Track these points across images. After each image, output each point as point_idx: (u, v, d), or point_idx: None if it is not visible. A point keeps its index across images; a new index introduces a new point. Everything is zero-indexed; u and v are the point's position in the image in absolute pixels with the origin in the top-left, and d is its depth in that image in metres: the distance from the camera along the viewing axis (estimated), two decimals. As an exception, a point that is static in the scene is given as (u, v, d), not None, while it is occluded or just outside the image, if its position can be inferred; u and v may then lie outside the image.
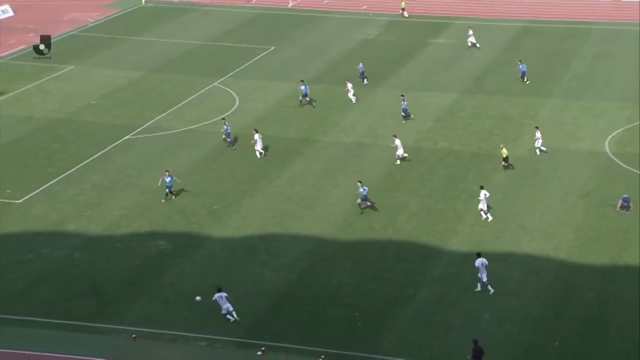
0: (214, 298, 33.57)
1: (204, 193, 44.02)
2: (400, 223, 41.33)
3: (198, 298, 34.34)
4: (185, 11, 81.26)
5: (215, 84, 60.87)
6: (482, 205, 41.02)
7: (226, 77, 62.02)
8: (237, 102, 57.41)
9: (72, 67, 63.45)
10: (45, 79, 60.54)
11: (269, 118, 54.71)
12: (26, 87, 58.73)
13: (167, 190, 42.58)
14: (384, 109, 56.08)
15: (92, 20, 76.82)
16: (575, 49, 67.79)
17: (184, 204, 42.74)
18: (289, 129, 53.08)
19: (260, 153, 48.37)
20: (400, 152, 47.34)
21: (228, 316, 33.46)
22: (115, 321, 33.35)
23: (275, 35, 73.52)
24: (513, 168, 46.06)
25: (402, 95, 53.96)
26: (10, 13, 77.73)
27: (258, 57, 67.24)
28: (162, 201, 42.28)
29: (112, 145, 49.68)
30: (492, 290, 35.18)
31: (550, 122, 53.38)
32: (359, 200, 41.74)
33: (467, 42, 68.21)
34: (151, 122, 53.13)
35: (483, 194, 41.00)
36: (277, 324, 33.53)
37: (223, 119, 51.01)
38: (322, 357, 31.38)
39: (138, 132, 51.89)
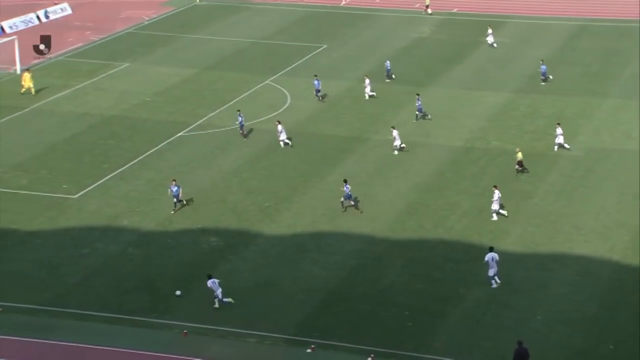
0: (208, 284, 33.77)
1: (255, 190, 44.25)
2: (452, 222, 41.03)
3: (178, 292, 34.69)
4: (238, 9, 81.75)
5: (267, 81, 61.13)
6: (495, 206, 40.53)
7: (278, 75, 62.24)
8: (289, 100, 57.57)
9: (127, 64, 64.26)
10: (101, 76, 61.41)
11: (321, 116, 54.76)
12: (82, 84, 59.64)
13: (175, 199, 41.22)
14: (436, 108, 55.72)
15: (147, 18, 77.73)
16: (633, 47, 66.54)
17: (236, 201, 43.00)
18: (340, 127, 53.07)
19: (286, 143, 48.71)
20: (397, 142, 47.99)
21: (224, 300, 33.86)
22: (167, 316, 33.71)
23: (328, 33, 73.53)
24: (528, 172, 45.18)
25: (418, 95, 53.53)
26: (69, 11, 79.01)
27: (310, 55, 67.32)
28: (172, 212, 41.08)
29: (166, 142, 50.22)
30: (494, 285, 35.00)
31: (607, 121, 52.52)
32: (342, 199, 41.68)
33: (486, 41, 67.17)
34: (204, 119, 53.57)
35: (497, 194, 40.53)
36: (327, 322, 33.55)
37: (238, 110, 51.35)
38: (372, 355, 31.31)
39: (191, 129, 52.37)
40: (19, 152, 47.85)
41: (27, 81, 56.83)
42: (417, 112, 52.86)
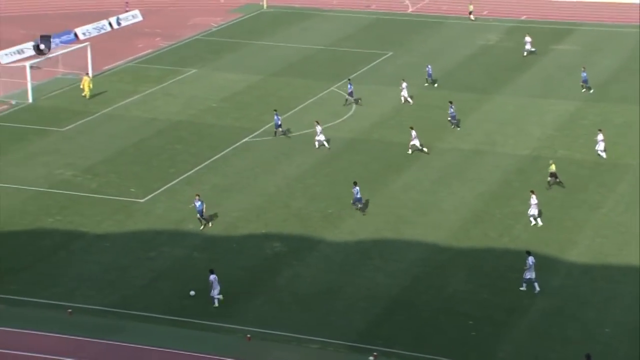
0: (210, 279, 34.46)
1: (319, 197, 44.31)
2: (517, 232, 40.45)
3: (192, 292, 35.06)
4: (305, 16, 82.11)
5: (332, 88, 61.23)
6: (533, 211, 40.32)
7: (343, 81, 62.25)
8: (354, 107, 57.54)
9: (195, 70, 65.06)
10: (169, 82, 62.29)
11: (386, 123, 54.59)
12: (151, 90, 60.56)
13: (199, 215, 40.24)
14: (502, 116, 55.09)
15: (215, 25, 78.62)
16: None
17: (300, 207, 43.12)
18: (405, 134, 52.77)
19: (322, 144, 49.17)
20: (416, 142, 48.35)
21: (218, 296, 34.55)
22: (231, 320, 33.92)
23: (394, 40, 73.33)
24: (563, 187, 44.04)
25: (450, 102, 53.08)
26: (139, 18, 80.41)
27: (375, 62, 67.22)
28: (201, 229, 40.30)
29: (231, 148, 50.66)
30: (536, 289, 34.97)
31: (679, 131, 51.21)
32: (352, 202, 42.01)
33: (524, 51, 66.54)
34: (269, 125, 53.89)
35: (533, 199, 40.22)
36: (389, 330, 33.37)
37: (275, 110, 52.10)
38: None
39: (256, 135, 52.74)
40: (90, 156, 48.83)
41: (86, 85, 58.02)
42: (449, 119, 52.56)
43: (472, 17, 79.05)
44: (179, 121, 55.01)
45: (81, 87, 58.23)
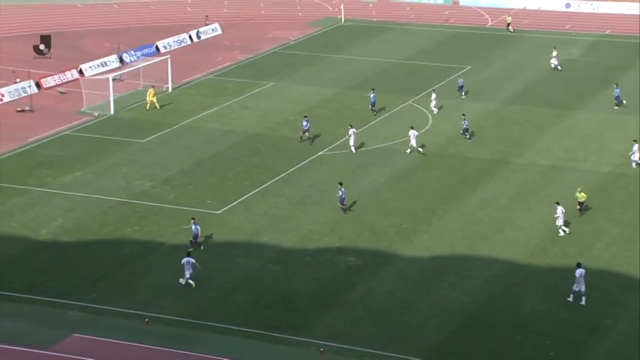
0: (182, 262, 36.34)
1: (394, 211, 44.12)
2: (598, 251, 39.52)
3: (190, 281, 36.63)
4: (383, 29, 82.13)
5: (409, 102, 61.00)
6: (560, 222, 40.66)
7: (420, 95, 62.00)
8: (430, 121, 57.20)
9: (272, 83, 65.68)
10: (246, 95, 63.01)
11: (462, 138, 54.07)
12: (229, 102, 61.35)
13: (192, 239, 39.58)
14: (584, 131, 54.04)
15: (293, 39, 79.29)
16: None
17: (374, 222, 42.98)
18: (483, 149, 52.24)
19: (355, 149, 50.35)
20: (412, 142, 50.40)
21: (190, 281, 36.20)
22: (304, 334, 33.96)
23: (472, 54, 72.74)
24: (582, 213, 42.67)
25: (463, 115, 53.67)
26: (219, 31, 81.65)
27: (453, 76, 66.72)
28: (189, 250, 38.66)
29: (307, 161, 50.88)
30: (583, 302, 35.00)
31: None
32: (338, 203, 43.06)
33: (550, 64, 65.32)
34: (345, 138, 53.95)
35: (560, 210, 40.64)
36: (464, 347, 32.94)
37: (305, 116, 53.44)
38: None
39: (332, 148, 52.86)
40: (168, 168, 49.67)
41: (150, 96, 59.14)
42: (461, 132, 53.02)
43: (510, 29, 78.23)
44: (256, 134, 55.54)
45: (147, 99, 59.42)
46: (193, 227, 40.29)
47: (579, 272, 35.09)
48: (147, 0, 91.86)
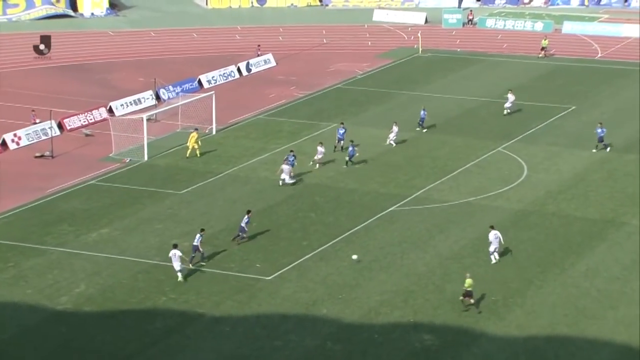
0: (170, 254, 42.44)
1: (481, 280, 43.75)
2: None
3: (355, 257, 42.20)
4: (468, 62, 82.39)
5: (499, 148, 60.81)
6: (492, 248, 44.70)
7: (513, 141, 61.77)
8: (525, 172, 56.88)
9: (334, 124, 66.10)
10: (304, 138, 63.53)
11: (565, 192, 53.63)
12: (282, 147, 61.79)
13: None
14: None
15: (360, 72, 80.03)
16: None
17: (457, 292, 42.65)
18: (589, 207, 51.69)
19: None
20: (392, 138, 59.95)
21: (179, 274, 42.36)
22: None
23: (577, 92, 72.46)
24: None
25: (424, 108, 62.41)
26: (273, 63, 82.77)
27: (554, 118, 66.42)
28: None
29: (375, 218, 50.94)
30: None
31: None
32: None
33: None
34: (421, 191, 53.92)
35: (493, 234, 44.66)
36: None
37: (342, 123, 60.56)
38: None
39: (405, 202, 52.86)
40: (210, 224, 50.12)
41: (192, 141, 59.53)
42: (419, 122, 62.30)
43: (542, 54, 79.49)
44: (314, 184, 55.88)
45: (187, 144, 59.87)
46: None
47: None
48: (189, 28, 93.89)
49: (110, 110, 68.44)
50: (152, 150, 60.37)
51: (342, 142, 59.31)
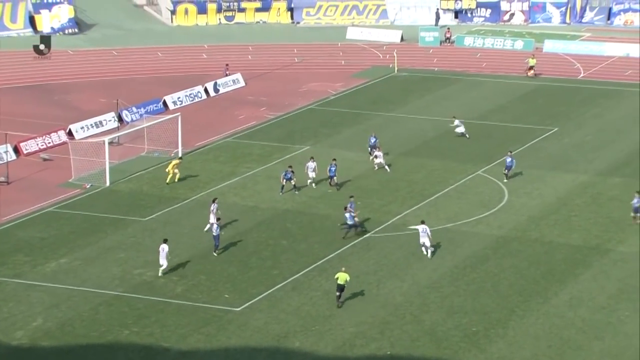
0: (159, 249, 45.66)
1: (460, 310, 43.82)
2: None
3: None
4: (446, 82, 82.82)
5: (478, 172, 61.05)
6: (423, 240, 48.57)
7: (493, 164, 62.04)
8: (506, 196, 57.12)
9: (307, 147, 66.21)
10: (275, 162, 63.51)
11: (547, 218, 53.88)
12: (253, 171, 61.84)
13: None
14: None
15: (333, 92, 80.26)
16: None
17: (435, 323, 42.69)
18: (573, 233, 51.95)
19: (311, 182, 57.92)
20: (380, 159, 61.22)
21: (162, 269, 46.03)
22: None
23: (560, 113, 73.01)
24: None
25: (374, 133, 63.73)
26: (242, 83, 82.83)
27: (535, 140, 66.82)
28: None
29: (350, 245, 50.92)
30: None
31: None
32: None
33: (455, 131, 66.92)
34: (397, 217, 53.96)
35: (422, 228, 48.52)
36: None
37: (334, 159, 58.95)
38: None
39: (381, 229, 52.88)
40: (176, 253, 49.78)
41: (171, 167, 59.37)
42: (368, 147, 62.77)
43: (530, 73, 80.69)
44: (285, 210, 55.82)
45: (167, 170, 59.72)
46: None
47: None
48: (154, 46, 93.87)
49: (70, 133, 68.19)
50: (114, 175, 60.12)
51: (334, 178, 58.42)
